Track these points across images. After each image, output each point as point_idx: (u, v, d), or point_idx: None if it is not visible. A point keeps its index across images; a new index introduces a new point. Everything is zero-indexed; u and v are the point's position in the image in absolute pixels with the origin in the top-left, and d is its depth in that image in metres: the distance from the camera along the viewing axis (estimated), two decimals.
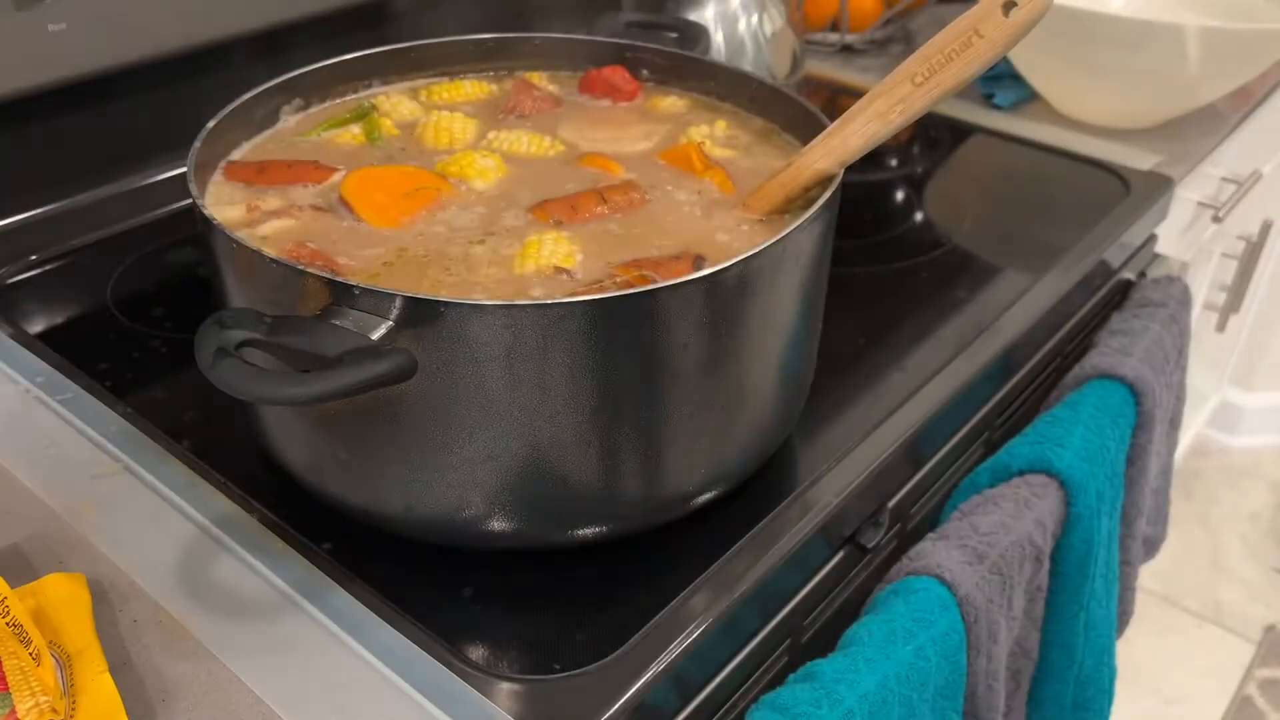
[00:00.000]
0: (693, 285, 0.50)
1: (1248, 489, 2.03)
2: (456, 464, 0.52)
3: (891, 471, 0.69)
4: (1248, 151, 1.30)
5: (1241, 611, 1.79)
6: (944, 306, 0.82)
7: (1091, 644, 0.83)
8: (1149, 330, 0.89)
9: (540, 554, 0.59)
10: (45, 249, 0.86)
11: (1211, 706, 1.64)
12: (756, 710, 0.56)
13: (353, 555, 0.58)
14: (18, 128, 0.84)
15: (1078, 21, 1.02)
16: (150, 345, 0.75)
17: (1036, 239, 0.92)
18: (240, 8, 0.90)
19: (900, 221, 0.95)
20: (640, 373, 0.51)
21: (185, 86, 0.93)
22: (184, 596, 0.56)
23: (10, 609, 0.51)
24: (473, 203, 0.64)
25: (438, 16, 1.09)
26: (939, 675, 0.63)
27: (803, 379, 0.64)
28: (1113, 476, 0.81)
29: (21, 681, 0.47)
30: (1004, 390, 0.83)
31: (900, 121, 0.57)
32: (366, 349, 0.47)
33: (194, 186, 0.58)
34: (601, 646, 0.53)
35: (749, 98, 0.74)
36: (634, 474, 0.55)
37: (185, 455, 0.65)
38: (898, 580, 0.67)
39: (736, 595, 0.57)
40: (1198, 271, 1.43)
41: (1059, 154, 1.07)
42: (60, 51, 0.81)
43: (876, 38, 1.32)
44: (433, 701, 0.51)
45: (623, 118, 0.74)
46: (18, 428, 0.67)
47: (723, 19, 1.02)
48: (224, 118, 0.65)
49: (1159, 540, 1.06)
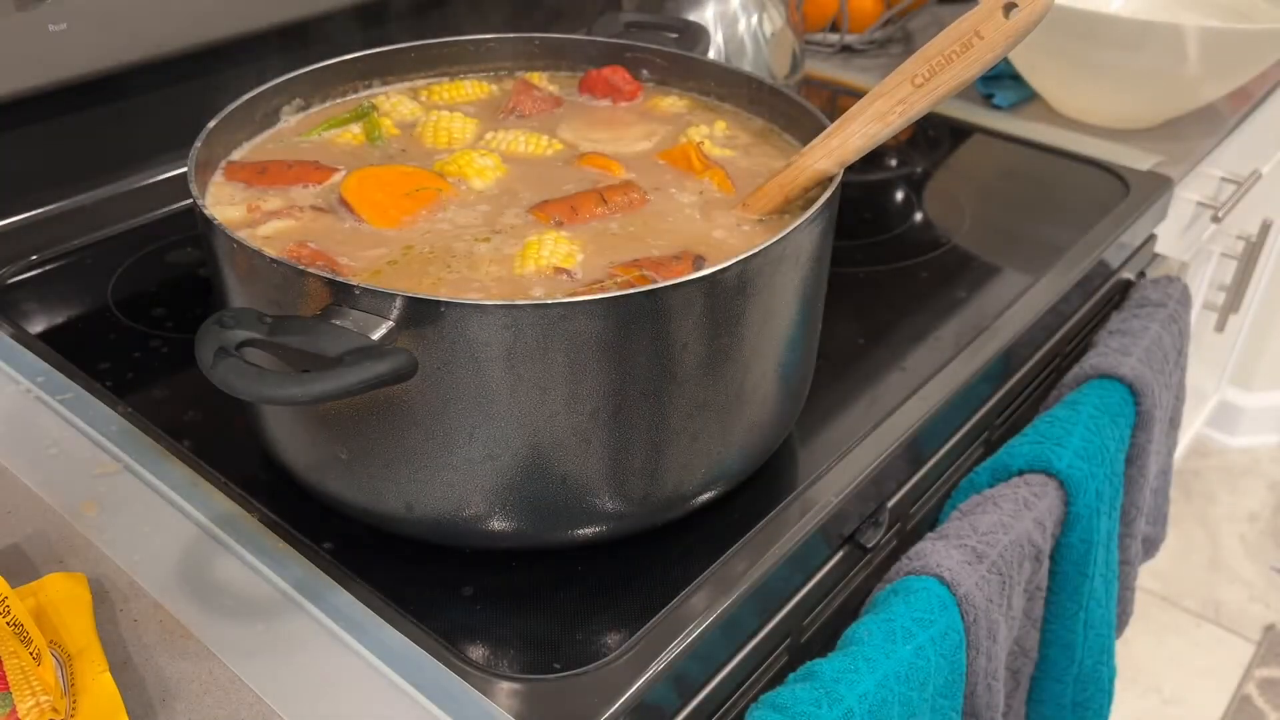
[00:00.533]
0: (693, 285, 0.50)
1: (1247, 489, 2.03)
2: (457, 463, 0.52)
3: (891, 471, 0.69)
4: (1247, 151, 1.30)
5: (1241, 611, 1.79)
6: (944, 306, 0.82)
7: (1091, 643, 0.83)
8: (1148, 330, 0.89)
9: (540, 554, 0.59)
10: (46, 249, 0.86)
11: (1211, 706, 1.64)
12: (756, 709, 0.56)
13: (353, 555, 0.58)
14: (18, 128, 0.84)
15: (1078, 21, 1.03)
16: (151, 345, 0.75)
17: (1036, 239, 0.92)
18: (240, 8, 0.90)
19: (900, 221, 0.95)
20: (640, 372, 0.51)
21: (185, 86, 0.93)
22: (184, 596, 0.56)
23: (11, 608, 0.51)
24: (472, 202, 0.64)
25: (438, 16, 1.09)
26: (938, 675, 0.63)
27: (802, 379, 0.64)
28: (1112, 476, 0.81)
29: (22, 681, 0.47)
30: (1003, 390, 0.83)
31: (900, 123, 0.57)
32: (367, 349, 0.47)
33: (194, 186, 0.58)
34: (601, 646, 0.53)
35: (749, 98, 0.74)
36: (634, 474, 0.55)
37: (186, 455, 0.65)
38: (897, 580, 0.67)
39: (736, 595, 0.57)
40: (1197, 271, 1.43)
41: (1059, 154, 1.07)
42: (60, 51, 0.81)
43: (876, 38, 1.32)
44: (433, 701, 0.51)
45: (623, 118, 0.74)
46: (18, 427, 0.67)
47: (723, 19, 1.02)
48: (224, 118, 0.65)
49: (1158, 540, 1.06)
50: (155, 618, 0.55)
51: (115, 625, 0.55)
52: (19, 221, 0.87)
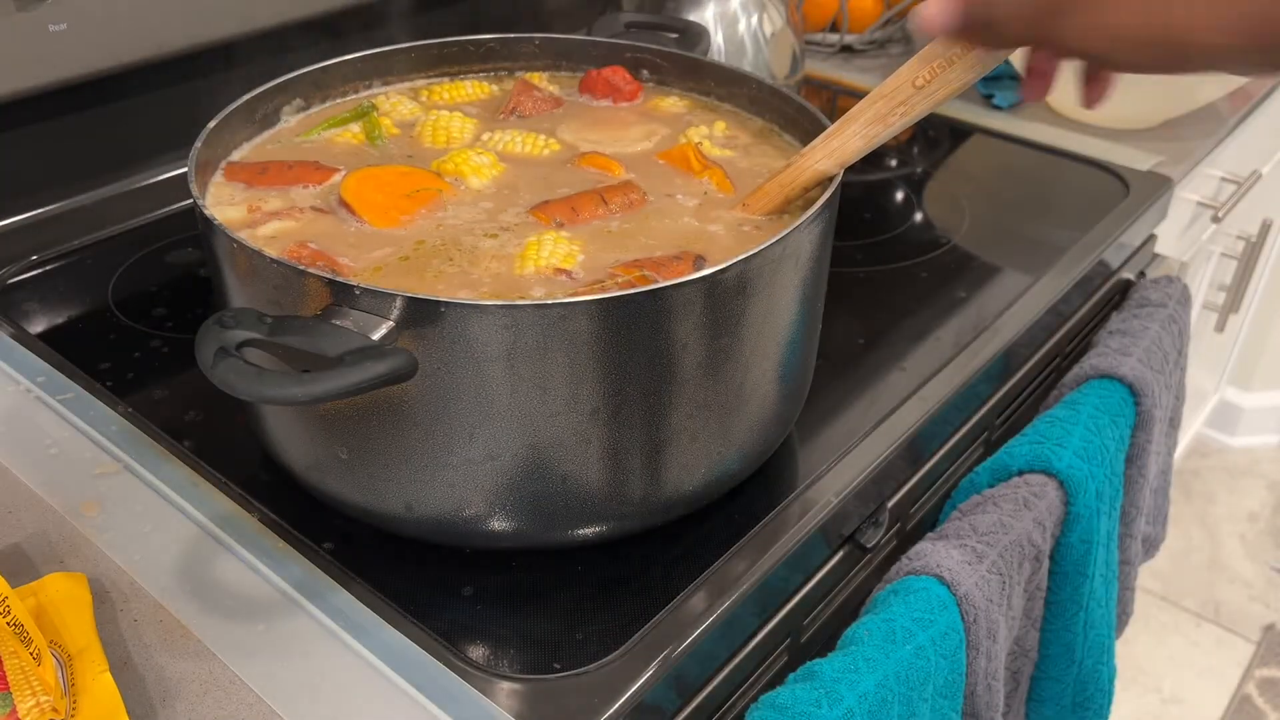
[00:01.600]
0: (693, 285, 0.50)
1: (1247, 489, 2.03)
2: (457, 464, 0.52)
3: (891, 471, 0.69)
4: (1247, 151, 1.30)
5: (1241, 611, 1.79)
6: (944, 306, 0.82)
7: (1091, 643, 0.83)
8: (1148, 330, 0.89)
9: (540, 553, 0.59)
10: (46, 249, 0.86)
11: (1211, 706, 1.64)
12: (756, 710, 0.56)
13: (353, 555, 0.58)
14: (18, 128, 0.84)
15: None
16: (151, 345, 0.75)
17: (1036, 239, 0.92)
18: (240, 8, 0.90)
19: (900, 221, 0.95)
20: (640, 373, 0.51)
21: (185, 86, 0.93)
22: (185, 596, 0.56)
23: (11, 608, 0.51)
24: (471, 201, 0.64)
25: (439, 17, 1.09)
26: (938, 675, 0.63)
27: (802, 379, 0.64)
28: (1112, 476, 0.81)
29: (22, 681, 0.47)
30: (1003, 390, 0.83)
31: (900, 124, 0.57)
32: (367, 349, 0.47)
33: (195, 187, 0.58)
34: (601, 646, 0.53)
35: (749, 98, 0.74)
36: (634, 474, 0.55)
37: (186, 455, 0.65)
38: (897, 580, 0.67)
39: (736, 595, 0.57)
40: (1197, 271, 1.43)
41: (1059, 154, 1.07)
42: (60, 51, 0.81)
43: (876, 38, 1.32)
44: (433, 701, 0.51)
45: (623, 118, 0.74)
46: (19, 427, 0.67)
47: (723, 19, 1.02)
48: (224, 118, 0.65)
49: (1158, 540, 1.06)
50: (155, 618, 0.55)
51: (115, 625, 0.55)
52: (19, 221, 0.87)
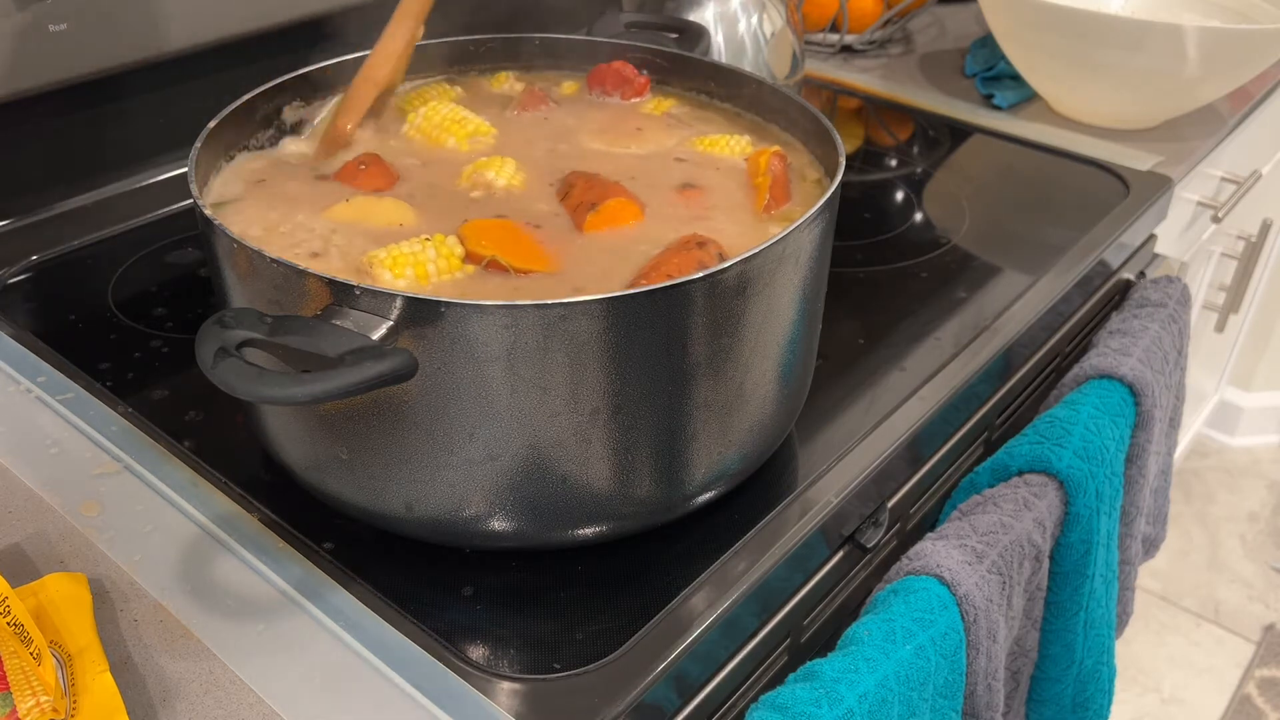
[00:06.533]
0: (693, 285, 0.50)
1: (1246, 489, 2.03)
2: (457, 464, 0.52)
3: (891, 471, 0.69)
4: (1247, 151, 1.30)
5: (1240, 611, 1.79)
6: (944, 306, 0.82)
7: (1091, 643, 0.83)
8: (1148, 330, 0.89)
9: (541, 554, 0.59)
10: (45, 249, 0.86)
11: (1211, 706, 1.64)
12: (756, 710, 0.56)
13: (353, 555, 0.58)
14: (18, 128, 0.84)
15: (1077, 21, 1.03)
16: (151, 345, 0.75)
17: (1036, 239, 0.92)
18: (240, 8, 0.90)
19: (900, 221, 0.95)
20: (640, 372, 0.51)
21: (185, 86, 0.93)
22: (185, 596, 0.56)
23: (11, 608, 0.51)
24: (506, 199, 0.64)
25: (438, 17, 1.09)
26: (938, 675, 0.63)
27: (803, 379, 0.64)
28: (1112, 476, 0.81)
29: (22, 681, 0.47)
30: (1003, 390, 0.83)
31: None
32: (367, 349, 0.47)
33: (194, 186, 0.58)
34: (601, 646, 0.53)
35: (749, 98, 0.74)
36: (634, 474, 0.55)
37: (186, 455, 0.65)
38: (897, 580, 0.67)
39: (736, 595, 0.57)
40: (1197, 271, 1.43)
41: (1059, 154, 1.07)
42: (60, 51, 0.81)
43: (876, 38, 1.32)
44: (433, 701, 0.51)
45: (623, 118, 0.74)
46: (19, 427, 0.67)
47: (723, 19, 1.02)
48: (224, 118, 0.65)
49: (1158, 540, 1.06)
50: (155, 618, 0.55)
51: (115, 625, 0.55)
52: (19, 221, 0.87)
